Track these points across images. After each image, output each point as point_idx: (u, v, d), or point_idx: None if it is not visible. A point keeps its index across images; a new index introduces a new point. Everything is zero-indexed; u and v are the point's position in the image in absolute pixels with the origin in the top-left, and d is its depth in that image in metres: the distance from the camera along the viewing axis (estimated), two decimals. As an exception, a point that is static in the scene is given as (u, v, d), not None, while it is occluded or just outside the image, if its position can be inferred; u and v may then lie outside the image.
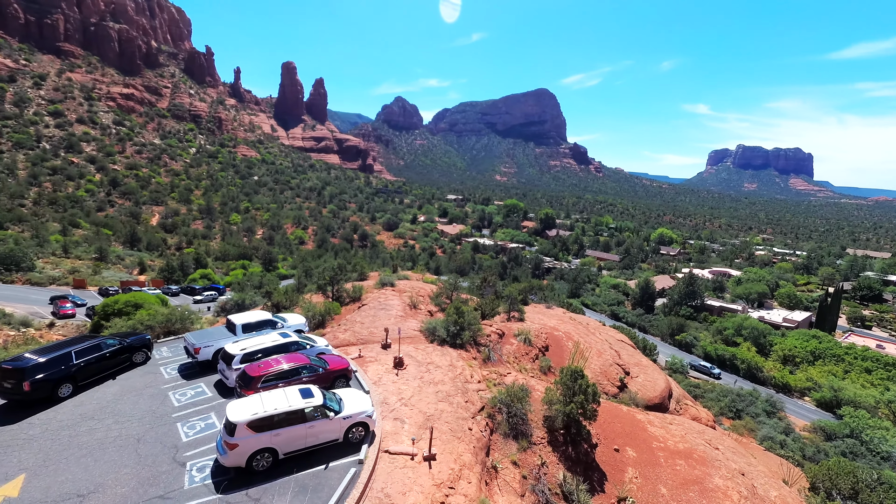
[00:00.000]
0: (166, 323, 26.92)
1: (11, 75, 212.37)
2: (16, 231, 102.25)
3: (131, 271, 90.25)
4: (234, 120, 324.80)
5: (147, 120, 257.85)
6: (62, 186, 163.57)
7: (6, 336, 39.07)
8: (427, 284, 43.18)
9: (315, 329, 29.27)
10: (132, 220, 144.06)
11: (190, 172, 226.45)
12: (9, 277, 65.91)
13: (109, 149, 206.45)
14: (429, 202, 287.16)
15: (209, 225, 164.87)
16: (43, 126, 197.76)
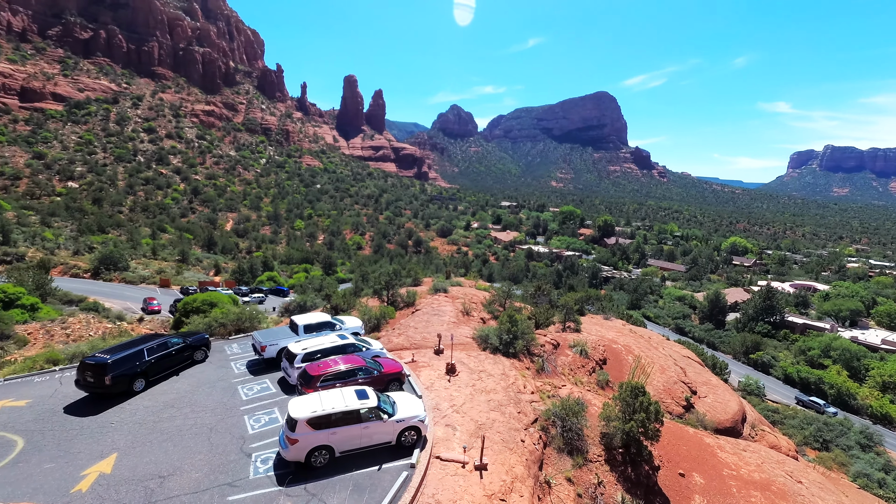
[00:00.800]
0: (237, 321, 28.94)
1: (115, 97, 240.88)
2: (115, 235, 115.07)
3: (208, 272, 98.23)
4: (300, 132, 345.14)
5: (224, 133, 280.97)
6: (153, 195, 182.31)
7: (104, 328, 43.92)
8: (480, 291, 43.05)
9: (370, 332, 30.15)
10: (210, 226, 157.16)
11: (260, 181, 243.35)
12: (108, 276, 74.21)
13: (192, 161, 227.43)
14: (482, 209, 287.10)
15: (276, 230, 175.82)
16: (139, 141, 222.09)
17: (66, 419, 17.27)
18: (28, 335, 39.62)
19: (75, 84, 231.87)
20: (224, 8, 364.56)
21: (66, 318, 44.34)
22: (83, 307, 49.54)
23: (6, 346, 36.77)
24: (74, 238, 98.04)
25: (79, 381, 18.81)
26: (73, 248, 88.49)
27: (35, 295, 45.90)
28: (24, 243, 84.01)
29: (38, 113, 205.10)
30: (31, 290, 46.29)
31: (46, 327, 41.94)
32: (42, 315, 43.33)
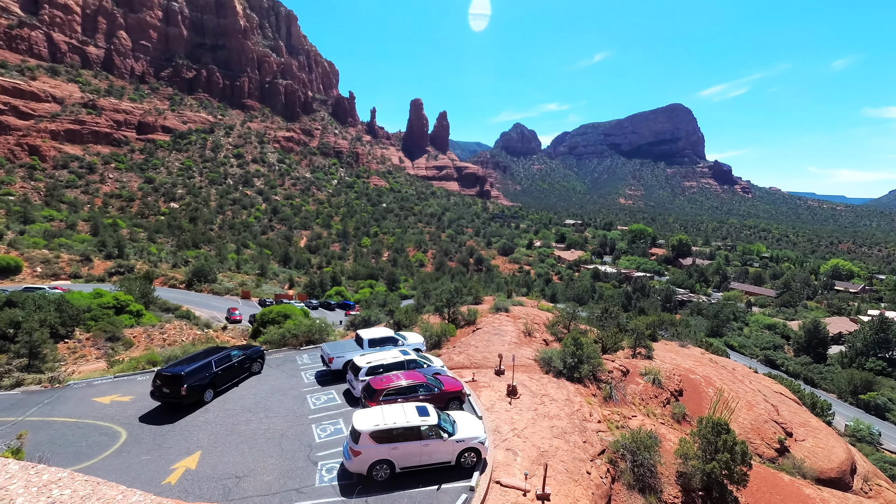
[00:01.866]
0: (308, 333, 30.58)
1: (211, 128, 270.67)
2: (206, 250, 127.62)
3: (283, 286, 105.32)
4: (368, 154, 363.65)
5: (301, 157, 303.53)
6: (239, 214, 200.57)
7: (194, 335, 48.45)
8: (542, 312, 41.91)
9: (431, 349, 30.40)
10: (286, 243, 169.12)
11: (331, 201, 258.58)
12: (199, 287, 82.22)
13: (273, 182, 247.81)
14: (545, 227, 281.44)
15: (344, 247, 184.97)
16: (229, 166, 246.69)
17: (161, 415, 19.15)
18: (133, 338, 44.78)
19: (180, 117, 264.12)
20: (305, 43, 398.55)
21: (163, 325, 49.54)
22: (178, 315, 55.06)
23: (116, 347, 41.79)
24: (173, 253, 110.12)
25: (154, 393, 19.56)
26: (172, 262, 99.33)
27: (140, 303, 51.84)
28: (134, 257, 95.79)
29: (150, 143, 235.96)
30: (138, 299, 52.37)
31: (148, 332, 47.13)
32: (145, 321, 48.77)
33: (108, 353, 40.33)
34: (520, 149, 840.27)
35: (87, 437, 17.13)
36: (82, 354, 40.28)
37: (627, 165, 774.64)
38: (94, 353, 40.87)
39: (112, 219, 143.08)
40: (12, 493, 2.75)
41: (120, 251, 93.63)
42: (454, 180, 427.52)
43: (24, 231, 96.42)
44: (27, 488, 2.84)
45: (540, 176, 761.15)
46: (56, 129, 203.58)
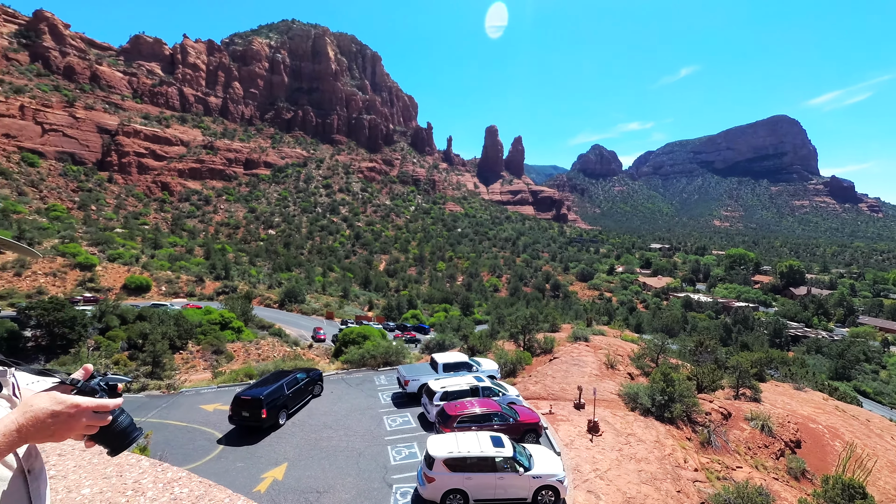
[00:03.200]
0: (385, 354, 31.53)
1: (304, 161, 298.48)
2: (297, 273, 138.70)
3: (363, 308, 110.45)
4: (444, 180, 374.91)
5: (382, 186, 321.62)
6: (326, 240, 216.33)
7: (284, 351, 52.27)
8: (626, 343, 39.10)
9: (506, 377, 29.66)
10: (367, 266, 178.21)
11: (409, 227, 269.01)
12: (290, 307, 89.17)
13: (356, 210, 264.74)
14: (628, 251, 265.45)
15: (420, 271, 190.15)
16: (318, 196, 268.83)
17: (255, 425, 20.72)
18: (234, 352, 49.45)
19: (279, 153, 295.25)
20: (388, 81, 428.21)
21: (259, 341, 54.13)
22: (271, 332, 59.97)
23: (219, 360, 46.38)
24: (269, 275, 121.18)
25: (233, 417, 19.54)
26: (268, 283, 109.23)
27: (241, 320, 57.40)
28: (238, 278, 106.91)
29: (254, 177, 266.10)
30: (239, 316, 58.07)
31: (246, 347, 51.78)
32: (244, 337, 53.75)
33: (213, 364, 44.99)
34: (598, 170, 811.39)
35: (194, 440, 19.04)
36: (192, 365, 45.36)
37: (722, 184, 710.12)
38: (202, 364, 45.83)
39: (221, 244, 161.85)
40: (144, 487, 3.28)
41: (226, 273, 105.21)
42: (529, 204, 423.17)
43: (154, 255, 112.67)
44: (155, 484, 3.33)
45: (621, 198, 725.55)
46: (182, 168, 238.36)
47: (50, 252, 78.03)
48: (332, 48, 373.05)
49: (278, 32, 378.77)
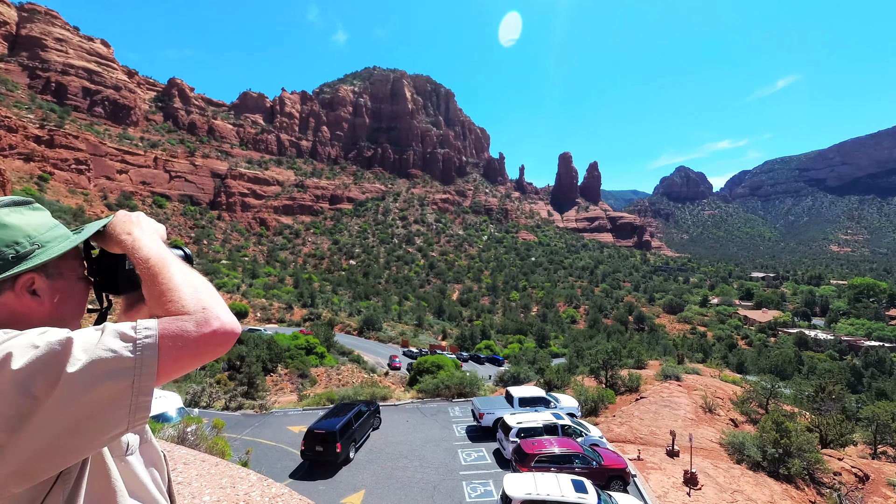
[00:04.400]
0: (459, 385, 31.30)
1: (383, 195, 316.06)
2: (375, 301, 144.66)
3: (437, 337, 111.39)
4: (517, 209, 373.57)
5: (455, 216, 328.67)
6: (402, 269, 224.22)
7: (363, 378, 54.08)
8: (726, 384, 34.93)
9: (587, 415, 27.83)
10: (440, 295, 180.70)
11: (482, 256, 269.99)
12: (368, 334, 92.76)
13: (430, 240, 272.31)
14: (724, 281, 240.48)
15: (494, 301, 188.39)
16: (395, 227, 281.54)
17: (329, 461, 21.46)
18: (317, 376, 52.16)
19: (360, 189, 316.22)
20: (460, 115, 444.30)
21: (339, 367, 56.64)
22: (351, 359, 62.57)
23: (304, 383, 49.14)
24: (350, 303, 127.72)
25: (305, 452, 18.88)
26: (348, 311, 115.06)
27: (324, 346, 60.72)
28: (322, 306, 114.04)
29: (338, 212, 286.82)
30: (322, 342, 61.53)
31: (328, 372, 54.41)
32: (327, 362, 56.63)
33: (298, 387, 47.81)
34: (685, 194, 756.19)
35: (281, 460, 20.17)
36: (281, 387, 48.57)
37: (838, 204, 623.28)
38: (289, 387, 48.90)
39: (308, 274, 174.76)
40: (253, 499, 3.61)
41: (312, 301, 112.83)
42: (607, 231, 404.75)
43: (251, 284, 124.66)
44: (262, 497, 3.64)
45: (713, 222, 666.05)
46: (277, 205, 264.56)
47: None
48: (408, 89, 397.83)
49: (361, 79, 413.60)
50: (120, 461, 1.18)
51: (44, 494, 0.99)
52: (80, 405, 0.91)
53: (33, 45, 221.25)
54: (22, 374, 0.90)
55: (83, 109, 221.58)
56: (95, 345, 0.96)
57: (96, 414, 0.93)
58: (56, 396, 0.90)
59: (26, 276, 1.18)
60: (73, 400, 0.91)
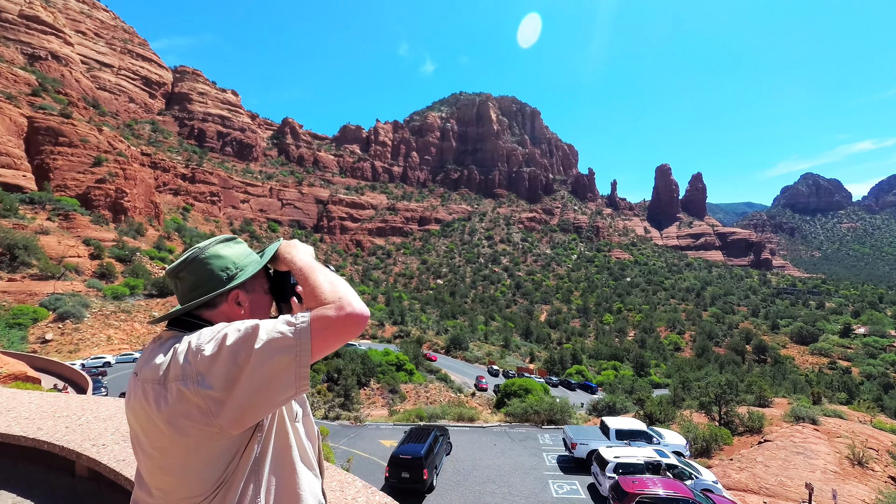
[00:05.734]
0: (549, 411, 29.97)
1: (469, 216, 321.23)
2: (461, 321, 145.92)
3: (524, 359, 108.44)
4: (609, 227, 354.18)
5: (542, 235, 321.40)
6: (488, 289, 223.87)
7: (449, 397, 54.41)
8: (882, 433, 28.82)
9: (697, 456, 24.78)
10: (527, 316, 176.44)
11: (571, 276, 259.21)
12: (455, 353, 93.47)
13: (516, 260, 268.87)
14: (873, 307, 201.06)
15: (585, 323, 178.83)
16: (481, 247, 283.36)
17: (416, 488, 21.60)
18: (406, 392, 53.67)
19: (447, 210, 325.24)
20: (547, 133, 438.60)
21: (427, 384, 57.71)
22: (438, 377, 63.44)
23: (394, 399, 50.83)
24: (437, 322, 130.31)
25: (390, 479, 18.14)
26: (435, 330, 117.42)
27: (413, 363, 62.46)
28: (411, 324, 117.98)
29: (426, 232, 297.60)
30: (411, 359, 63.36)
31: (416, 389, 55.72)
32: (415, 379, 58.10)
33: (389, 402, 49.57)
34: (814, 204, 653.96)
35: (374, 472, 20.92)
36: (373, 401, 50.76)
37: None
38: (380, 401, 50.92)
39: (399, 293, 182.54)
40: None
41: (402, 319, 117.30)
42: (716, 248, 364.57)
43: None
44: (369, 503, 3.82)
45: (854, 237, 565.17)
46: (371, 228, 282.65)
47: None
48: (493, 111, 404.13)
49: (448, 105, 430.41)
50: (291, 425, 1.64)
51: (247, 439, 1.45)
52: (264, 372, 1.33)
53: (182, 99, 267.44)
54: (232, 348, 1.35)
55: (217, 150, 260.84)
56: (271, 329, 1.36)
57: (274, 378, 1.33)
58: (250, 365, 1.33)
59: (234, 292, 1.69)
60: (260, 367, 1.33)
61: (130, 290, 79.63)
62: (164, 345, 1.54)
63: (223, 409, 1.33)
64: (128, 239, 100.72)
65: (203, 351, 1.37)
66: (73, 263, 79.62)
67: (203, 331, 1.47)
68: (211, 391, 1.33)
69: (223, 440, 1.38)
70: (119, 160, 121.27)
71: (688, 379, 57.45)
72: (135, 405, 1.49)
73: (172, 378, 1.39)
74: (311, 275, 1.59)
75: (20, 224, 78.64)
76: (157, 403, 1.39)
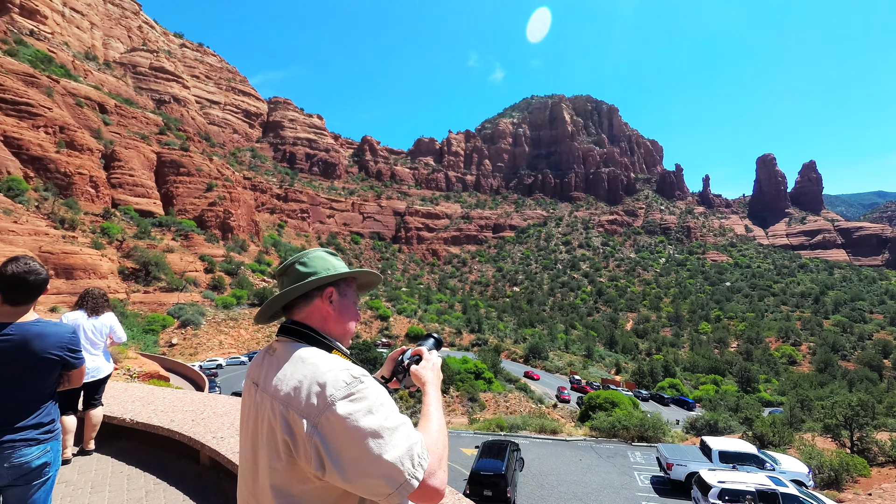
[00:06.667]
0: (640, 427, 27.96)
1: (544, 221, 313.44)
2: (539, 329, 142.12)
3: (609, 370, 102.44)
4: (702, 226, 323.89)
5: (625, 238, 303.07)
6: (567, 296, 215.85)
7: (530, 408, 53.07)
8: None
9: (824, 488, 21.46)
10: (611, 325, 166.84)
11: (659, 281, 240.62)
12: (534, 363, 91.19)
13: (597, 265, 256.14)
14: None
15: (677, 333, 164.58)
16: (558, 253, 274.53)
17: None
18: (485, 401, 53.38)
19: (522, 216, 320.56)
20: (626, 130, 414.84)
21: (507, 394, 56.89)
22: (517, 386, 62.26)
23: (473, 407, 50.79)
24: (515, 330, 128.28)
25: (471, 496, 16.99)
26: (513, 338, 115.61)
27: (491, 371, 62.03)
28: (488, 332, 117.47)
29: (500, 240, 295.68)
30: (489, 368, 62.97)
31: (495, 398, 55.19)
32: (494, 388, 57.58)
33: (468, 410, 49.64)
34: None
35: (455, 480, 21.02)
36: (453, 408, 51.17)
37: None
38: (459, 409, 51.19)
39: (475, 301, 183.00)
40: None
41: (479, 327, 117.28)
42: (838, 247, 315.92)
43: (426, 309, 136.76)
44: None
45: None
46: (446, 237, 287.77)
47: (363, 307, 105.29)
48: (567, 112, 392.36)
49: (519, 110, 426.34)
50: None
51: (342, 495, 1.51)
52: (363, 482, 1.40)
53: (276, 126, 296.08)
54: (358, 433, 1.41)
55: (305, 170, 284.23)
56: (400, 455, 1.41)
57: (366, 488, 1.41)
58: (359, 467, 1.39)
59: (329, 289, 1.84)
60: (363, 477, 1.39)
61: (237, 300, 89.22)
62: (280, 358, 1.65)
63: (323, 467, 1.40)
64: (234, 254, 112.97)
65: (334, 406, 1.42)
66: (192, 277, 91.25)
67: (337, 370, 1.52)
68: (321, 445, 1.39)
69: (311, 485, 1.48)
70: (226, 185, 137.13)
71: (808, 397, 50.20)
72: (255, 412, 1.63)
73: (294, 406, 1.47)
74: (427, 421, 1.66)
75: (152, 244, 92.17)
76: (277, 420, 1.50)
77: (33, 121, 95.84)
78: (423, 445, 1.46)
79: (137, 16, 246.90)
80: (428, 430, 1.60)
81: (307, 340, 1.70)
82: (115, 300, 70.92)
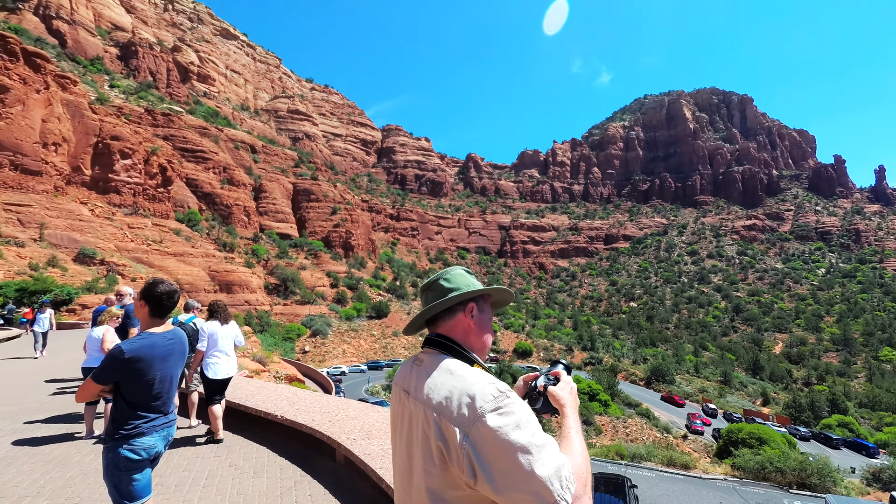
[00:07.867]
0: (799, 471, 23.44)
1: (664, 230, 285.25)
2: (663, 349, 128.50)
3: (753, 400, 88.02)
4: (877, 228, 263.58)
5: (768, 246, 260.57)
6: (695, 313, 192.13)
7: (654, 436, 47.97)
8: None
9: None
10: (754, 347, 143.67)
11: (818, 296, 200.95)
12: (657, 387, 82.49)
13: (733, 278, 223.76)
14: None
15: (847, 359, 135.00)
16: (683, 264, 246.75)
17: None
18: (601, 425, 49.79)
19: (637, 225, 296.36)
20: (764, 121, 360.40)
21: (626, 419, 52.39)
22: (638, 412, 56.90)
23: (588, 431, 47.70)
24: (633, 349, 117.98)
25: None
26: (632, 358, 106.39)
27: (607, 393, 57.75)
28: (602, 350, 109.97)
29: (613, 251, 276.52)
30: (605, 389, 58.70)
31: (613, 422, 51.16)
32: (611, 411, 53.44)
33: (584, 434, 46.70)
34: None
35: None
36: (566, 430, 48.59)
37: None
38: (574, 431, 48.42)
39: (586, 316, 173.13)
40: None
41: (591, 344, 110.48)
42: None
43: (534, 325, 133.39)
44: None
45: None
46: (553, 249, 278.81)
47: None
48: (688, 109, 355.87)
49: (630, 112, 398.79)
50: None
51: None
52: (514, 493, 1.40)
53: (389, 152, 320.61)
54: (512, 448, 1.43)
55: (415, 190, 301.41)
56: (556, 472, 1.41)
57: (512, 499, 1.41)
58: (509, 481, 1.41)
59: (471, 304, 1.93)
60: (512, 491, 1.40)
61: (357, 312, 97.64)
62: (428, 369, 1.76)
63: (475, 476, 1.44)
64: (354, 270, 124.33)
65: (484, 418, 1.46)
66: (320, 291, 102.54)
67: (484, 383, 1.57)
68: (472, 454, 1.44)
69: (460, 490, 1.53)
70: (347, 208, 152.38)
71: None
72: (408, 418, 1.74)
73: (446, 415, 1.54)
74: (567, 443, 1.66)
75: (289, 263, 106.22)
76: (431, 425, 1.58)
77: (205, 164, 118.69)
78: (569, 468, 1.47)
79: (278, 69, 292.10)
80: (572, 454, 1.59)
81: (451, 353, 1.79)
82: (261, 311, 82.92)
